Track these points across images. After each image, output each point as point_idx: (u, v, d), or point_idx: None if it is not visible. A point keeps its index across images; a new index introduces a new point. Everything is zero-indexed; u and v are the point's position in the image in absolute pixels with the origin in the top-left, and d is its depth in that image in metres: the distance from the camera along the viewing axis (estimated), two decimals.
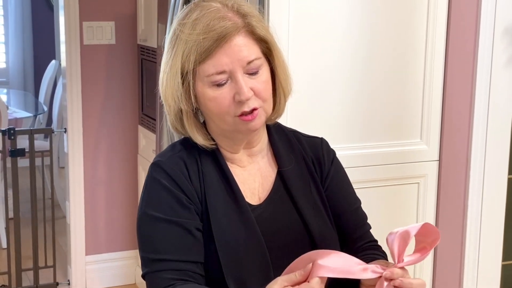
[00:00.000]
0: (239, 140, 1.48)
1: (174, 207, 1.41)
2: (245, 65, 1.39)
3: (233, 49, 1.38)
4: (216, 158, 1.47)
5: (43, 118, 5.26)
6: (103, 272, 3.82)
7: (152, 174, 1.46)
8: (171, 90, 1.41)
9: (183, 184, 1.43)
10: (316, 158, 1.56)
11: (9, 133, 3.61)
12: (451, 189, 2.64)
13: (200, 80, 1.40)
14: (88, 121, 3.68)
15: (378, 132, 2.55)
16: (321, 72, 2.44)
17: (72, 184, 3.70)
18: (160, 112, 3.09)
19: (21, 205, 3.73)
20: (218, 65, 1.38)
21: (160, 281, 1.39)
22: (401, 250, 1.27)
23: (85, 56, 3.62)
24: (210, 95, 1.40)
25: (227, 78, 1.39)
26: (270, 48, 1.45)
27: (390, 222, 2.60)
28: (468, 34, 2.54)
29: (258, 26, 1.42)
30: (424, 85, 2.58)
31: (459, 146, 2.61)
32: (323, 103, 2.46)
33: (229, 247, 1.41)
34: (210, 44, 1.37)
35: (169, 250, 1.40)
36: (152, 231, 1.42)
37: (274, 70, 1.46)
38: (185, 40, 1.39)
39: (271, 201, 1.49)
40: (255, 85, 1.40)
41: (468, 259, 2.64)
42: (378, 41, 2.49)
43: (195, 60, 1.38)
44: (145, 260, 1.43)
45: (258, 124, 1.43)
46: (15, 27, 6.63)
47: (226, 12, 1.40)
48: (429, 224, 1.28)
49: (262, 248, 1.43)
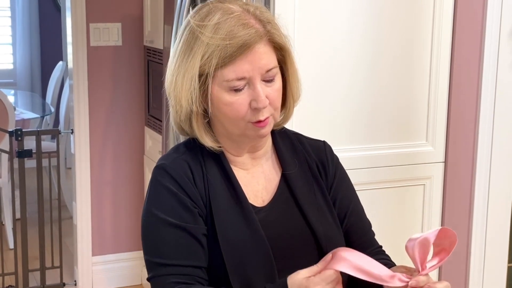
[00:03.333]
0: (244, 144, 1.48)
1: (179, 211, 1.42)
2: (264, 72, 1.40)
3: (255, 57, 1.38)
4: (220, 160, 1.47)
5: (50, 119, 5.28)
6: (109, 273, 3.83)
7: (157, 177, 1.46)
8: (186, 91, 1.40)
9: (188, 187, 1.43)
10: (320, 161, 1.56)
11: (16, 134, 3.62)
12: (457, 190, 2.64)
13: (217, 84, 1.40)
14: (95, 122, 3.70)
15: (384, 134, 2.55)
16: (325, 73, 2.44)
17: (78, 185, 3.71)
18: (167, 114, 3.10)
19: (28, 205, 3.75)
20: (239, 71, 1.38)
21: (166, 285, 1.40)
22: (423, 258, 1.28)
23: (91, 57, 3.63)
24: (227, 100, 1.40)
25: (245, 84, 1.40)
26: (285, 56, 1.45)
27: (395, 223, 2.60)
28: (474, 35, 2.54)
29: (277, 33, 1.43)
30: (430, 87, 2.57)
31: (465, 147, 2.61)
32: (328, 104, 2.46)
33: (233, 248, 1.41)
34: (234, 51, 1.37)
35: (175, 255, 1.40)
36: (158, 235, 1.42)
37: (287, 77, 1.47)
38: (206, 43, 1.38)
39: (275, 204, 1.49)
40: (270, 92, 1.41)
41: (474, 261, 2.64)
42: (383, 42, 2.49)
43: (216, 64, 1.37)
44: (150, 264, 1.44)
45: (267, 131, 1.44)
46: (22, 28, 6.66)
47: (249, 18, 1.40)
48: (446, 228, 1.29)
49: (267, 249, 1.43)
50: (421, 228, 2.65)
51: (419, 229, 2.64)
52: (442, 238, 1.30)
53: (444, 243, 1.30)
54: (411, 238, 1.29)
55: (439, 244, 1.31)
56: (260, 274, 1.41)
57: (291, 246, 1.46)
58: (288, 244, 1.46)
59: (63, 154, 4.88)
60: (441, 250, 1.31)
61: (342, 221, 1.54)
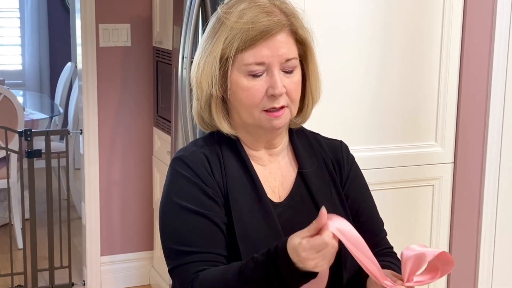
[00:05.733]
0: (260, 137, 1.49)
1: (201, 199, 1.43)
2: (283, 61, 1.42)
3: (275, 44, 1.41)
4: (239, 153, 1.49)
5: (59, 119, 5.30)
6: (118, 273, 3.84)
7: (175, 167, 1.47)
8: (207, 74, 1.43)
9: (206, 178, 1.44)
10: (336, 161, 1.58)
11: (25, 134, 3.63)
12: (466, 191, 2.64)
13: (236, 68, 1.42)
14: (104, 122, 3.71)
15: (393, 134, 2.55)
16: (336, 75, 2.44)
17: (87, 185, 3.72)
18: (175, 114, 3.11)
19: (37, 206, 3.76)
20: (259, 56, 1.41)
21: (191, 274, 1.40)
22: (412, 271, 1.27)
23: (101, 58, 3.65)
24: (244, 85, 1.42)
25: (264, 71, 1.42)
26: (307, 51, 1.48)
27: (405, 224, 2.60)
28: (484, 35, 2.54)
29: (300, 27, 1.46)
30: (439, 87, 2.57)
31: (474, 148, 2.60)
32: (339, 105, 2.46)
33: (250, 241, 1.42)
34: (255, 35, 1.40)
35: (199, 242, 1.41)
36: (181, 223, 1.42)
37: (307, 74, 1.49)
38: (230, 27, 1.41)
39: (292, 200, 1.51)
40: (288, 83, 1.43)
41: (483, 261, 2.64)
42: (393, 43, 2.49)
43: (237, 47, 1.40)
44: (172, 252, 1.43)
45: (282, 123, 1.45)
46: (31, 29, 6.68)
47: (274, 8, 1.44)
48: (446, 253, 1.29)
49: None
50: (430, 229, 2.64)
51: (428, 229, 2.64)
52: (440, 260, 1.29)
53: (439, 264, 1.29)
54: (409, 247, 1.28)
55: (434, 264, 1.30)
56: None
57: None
58: None
59: (72, 155, 4.90)
60: (434, 269, 1.30)
61: (353, 220, 1.55)
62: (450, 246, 2.67)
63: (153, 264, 3.86)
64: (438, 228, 2.64)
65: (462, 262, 2.67)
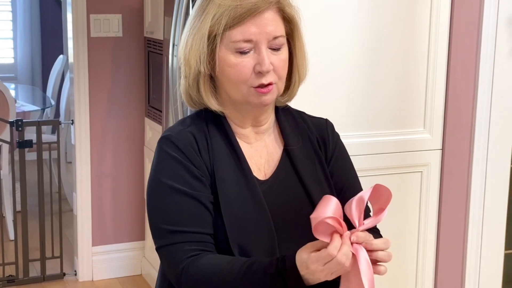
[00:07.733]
0: (247, 113, 1.51)
1: (188, 179, 1.44)
2: (271, 39, 1.44)
3: (263, 22, 1.43)
4: (225, 132, 1.50)
5: (50, 112, 5.30)
6: (109, 263, 3.85)
7: (163, 147, 1.48)
8: (195, 51, 1.45)
9: (193, 157, 1.46)
10: (321, 138, 1.60)
11: (17, 124, 3.64)
12: (454, 178, 2.66)
13: (224, 46, 1.44)
14: (95, 112, 3.71)
15: (381, 121, 2.56)
16: (327, 62, 2.45)
17: (79, 175, 3.73)
18: (166, 104, 3.12)
19: (29, 199, 3.76)
20: (246, 33, 1.42)
21: (181, 253, 1.41)
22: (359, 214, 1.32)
23: (92, 48, 3.65)
24: (232, 62, 1.44)
25: (251, 48, 1.44)
26: (294, 30, 1.50)
27: (393, 210, 2.60)
28: (472, 24, 2.56)
29: (288, 5, 1.48)
30: (428, 74, 2.59)
31: (462, 135, 2.62)
32: (329, 91, 2.47)
33: (236, 219, 1.44)
34: (243, 12, 1.42)
35: (186, 221, 1.42)
36: (168, 203, 1.44)
37: (293, 52, 1.51)
38: (218, 4, 1.43)
39: (277, 177, 1.52)
40: (275, 61, 1.45)
41: (470, 248, 2.66)
42: (383, 31, 2.51)
43: (225, 24, 1.42)
44: (160, 232, 1.44)
45: (269, 99, 1.47)
46: (23, 22, 6.68)
47: None
48: (380, 185, 1.34)
49: (268, 221, 1.45)
50: (418, 215, 2.66)
51: (416, 215, 2.66)
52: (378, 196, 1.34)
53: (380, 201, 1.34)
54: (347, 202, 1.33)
55: (376, 203, 1.36)
56: (261, 244, 1.44)
57: (292, 218, 1.49)
58: (289, 216, 1.49)
59: (63, 148, 4.90)
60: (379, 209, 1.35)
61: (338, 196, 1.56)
62: (438, 232, 2.69)
63: (144, 254, 3.87)
64: (426, 214, 2.66)
65: (450, 247, 2.69)
